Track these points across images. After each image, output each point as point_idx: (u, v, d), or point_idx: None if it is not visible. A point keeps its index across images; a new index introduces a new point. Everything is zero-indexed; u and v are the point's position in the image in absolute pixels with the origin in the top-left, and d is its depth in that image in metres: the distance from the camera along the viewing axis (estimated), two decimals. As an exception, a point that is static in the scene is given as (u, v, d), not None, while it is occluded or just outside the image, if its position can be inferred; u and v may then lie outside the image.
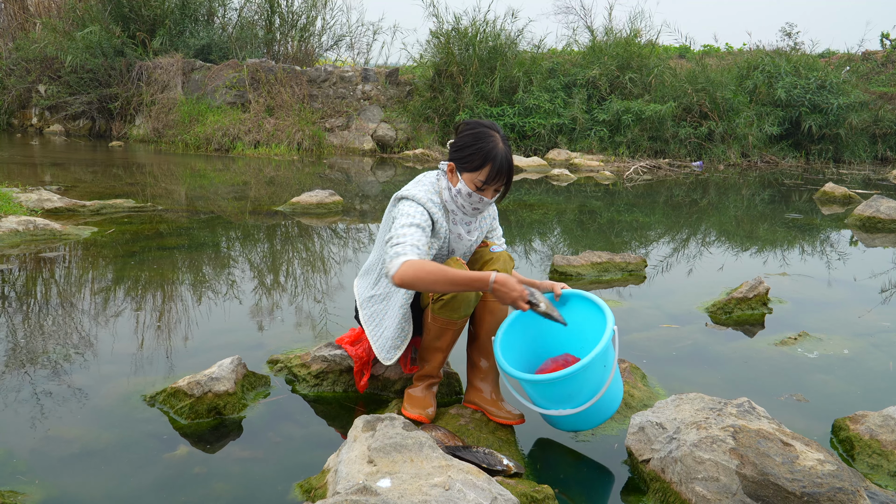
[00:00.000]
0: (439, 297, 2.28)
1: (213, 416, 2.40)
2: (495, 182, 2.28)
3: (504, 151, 2.26)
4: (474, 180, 2.28)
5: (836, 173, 11.78)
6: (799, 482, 1.74)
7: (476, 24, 13.15)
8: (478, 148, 2.25)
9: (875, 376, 2.98)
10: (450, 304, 2.28)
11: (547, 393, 2.19)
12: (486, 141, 2.25)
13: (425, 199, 2.30)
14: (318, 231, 5.84)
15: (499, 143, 2.26)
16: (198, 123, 12.63)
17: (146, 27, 14.04)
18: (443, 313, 2.30)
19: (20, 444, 2.20)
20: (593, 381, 2.16)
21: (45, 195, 6.07)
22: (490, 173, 2.25)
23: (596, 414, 2.23)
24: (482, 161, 2.25)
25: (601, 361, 2.15)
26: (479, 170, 2.26)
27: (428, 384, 2.47)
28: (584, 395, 2.16)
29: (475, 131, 2.28)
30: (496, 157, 2.24)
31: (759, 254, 5.52)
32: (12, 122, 15.08)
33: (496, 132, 2.29)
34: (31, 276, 4.14)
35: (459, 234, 2.43)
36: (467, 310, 2.31)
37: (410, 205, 2.28)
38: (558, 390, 2.16)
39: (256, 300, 3.83)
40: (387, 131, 13.05)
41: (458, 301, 2.27)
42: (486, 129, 2.28)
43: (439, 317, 2.31)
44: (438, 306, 2.30)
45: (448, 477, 1.73)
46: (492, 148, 2.24)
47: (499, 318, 2.45)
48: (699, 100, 12.59)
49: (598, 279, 4.44)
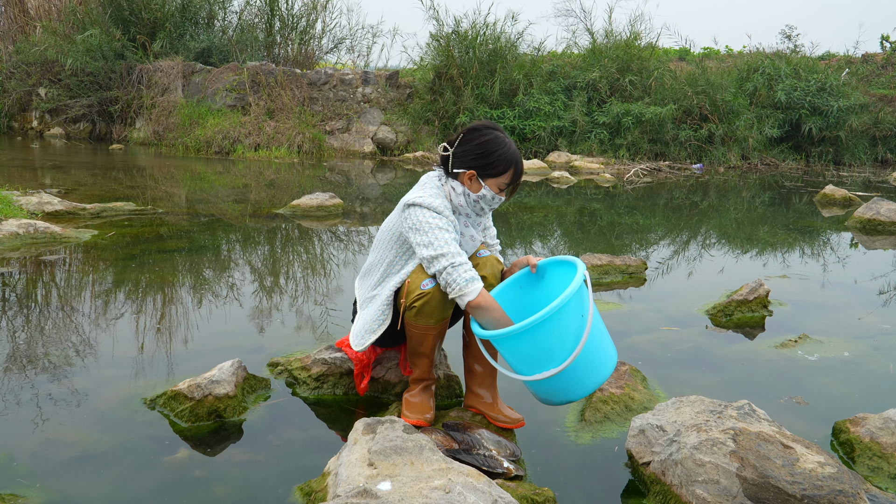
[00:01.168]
0: (411, 304, 2.27)
1: (214, 419, 2.40)
2: (518, 180, 2.42)
3: (517, 152, 2.40)
4: (499, 184, 2.38)
5: (837, 175, 11.78)
6: (799, 485, 1.74)
7: (476, 27, 13.16)
8: (500, 154, 2.34)
9: (876, 379, 2.98)
10: (423, 311, 2.27)
11: (522, 350, 2.07)
12: (507, 146, 2.36)
13: (441, 206, 2.30)
14: (318, 234, 5.85)
15: (513, 145, 2.39)
16: (198, 126, 12.64)
17: (146, 30, 14.06)
18: (418, 320, 2.29)
19: (21, 447, 2.20)
20: (570, 332, 2.03)
21: (45, 198, 6.08)
22: (514, 175, 2.38)
23: (585, 375, 2.08)
24: (506, 165, 2.35)
25: (575, 309, 2.03)
26: (503, 174, 2.36)
27: (423, 386, 2.47)
28: (564, 349, 2.03)
29: (491, 137, 2.35)
30: (517, 161, 2.38)
31: (759, 256, 5.52)
32: (13, 126, 15.09)
33: (502, 133, 2.39)
34: (32, 279, 4.14)
35: (472, 235, 2.48)
36: (442, 314, 2.29)
37: (432, 215, 2.26)
38: (533, 344, 2.03)
39: (257, 303, 3.83)
40: (387, 134, 13.06)
41: (431, 307, 2.26)
42: (499, 132, 2.38)
43: (416, 323, 2.31)
44: (413, 314, 2.29)
45: (448, 480, 1.74)
46: (513, 152, 2.37)
47: None
48: (699, 102, 12.60)
49: (599, 281, 4.44)
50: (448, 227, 2.26)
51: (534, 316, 1.99)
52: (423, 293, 2.25)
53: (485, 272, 2.37)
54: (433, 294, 2.25)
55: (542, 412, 2.57)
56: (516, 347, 2.09)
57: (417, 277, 2.28)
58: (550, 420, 2.52)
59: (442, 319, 2.32)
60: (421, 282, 2.26)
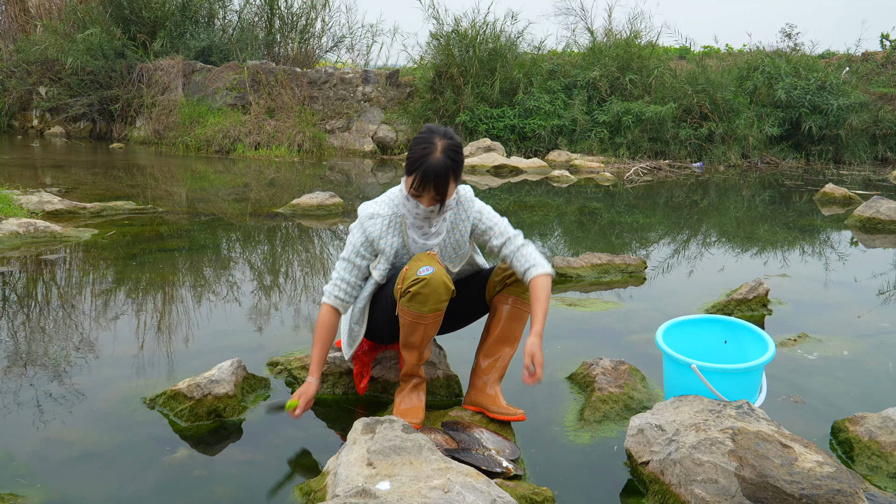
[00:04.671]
0: (406, 288, 2.23)
1: (213, 418, 2.41)
2: (423, 190, 2.25)
3: (437, 160, 2.20)
4: (408, 185, 2.28)
5: (837, 174, 11.77)
6: (798, 484, 1.74)
7: (476, 26, 13.15)
8: (411, 153, 2.25)
9: (875, 378, 2.98)
10: (417, 297, 2.22)
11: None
12: (421, 148, 2.23)
13: (368, 213, 2.38)
14: (318, 233, 5.85)
15: (434, 152, 2.21)
16: (198, 125, 12.63)
17: (147, 29, 14.05)
18: (411, 306, 2.24)
19: (21, 446, 2.21)
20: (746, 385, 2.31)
21: (45, 197, 6.08)
22: (415, 181, 2.23)
23: None
24: (410, 167, 2.24)
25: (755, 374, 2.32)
26: (409, 175, 2.26)
27: (413, 385, 2.46)
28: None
29: (419, 136, 2.27)
30: (422, 165, 2.21)
31: (759, 255, 5.52)
32: (13, 124, 15.08)
33: (439, 139, 2.24)
34: (32, 278, 4.15)
35: (414, 238, 2.41)
36: (436, 304, 2.24)
37: (351, 232, 2.42)
38: None
39: (256, 302, 3.83)
40: (387, 133, 13.06)
41: (426, 294, 2.21)
42: (432, 135, 2.25)
43: (407, 310, 2.26)
44: (406, 299, 2.24)
45: (447, 479, 1.74)
46: (423, 156, 2.21)
47: (506, 331, 2.48)
48: (699, 101, 12.59)
49: (598, 281, 4.45)
50: (350, 256, 2.40)
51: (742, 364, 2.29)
52: (419, 279, 2.20)
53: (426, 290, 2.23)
54: (429, 281, 2.20)
55: (541, 412, 2.58)
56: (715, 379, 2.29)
57: (415, 264, 2.25)
58: (549, 419, 2.53)
59: (435, 310, 2.26)
60: (419, 268, 2.23)
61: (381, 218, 2.37)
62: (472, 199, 2.47)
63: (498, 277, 2.52)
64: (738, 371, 2.25)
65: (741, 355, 2.50)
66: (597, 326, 3.58)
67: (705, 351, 2.56)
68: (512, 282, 2.51)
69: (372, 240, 2.36)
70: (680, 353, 2.39)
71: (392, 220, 2.38)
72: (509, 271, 2.50)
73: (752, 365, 2.25)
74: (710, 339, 2.60)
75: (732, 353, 2.54)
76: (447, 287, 2.25)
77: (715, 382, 2.24)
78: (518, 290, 2.50)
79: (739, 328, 2.54)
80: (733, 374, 2.25)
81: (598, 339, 3.40)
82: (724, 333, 2.58)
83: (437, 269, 2.23)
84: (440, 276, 2.22)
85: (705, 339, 2.59)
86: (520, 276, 2.43)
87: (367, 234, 2.36)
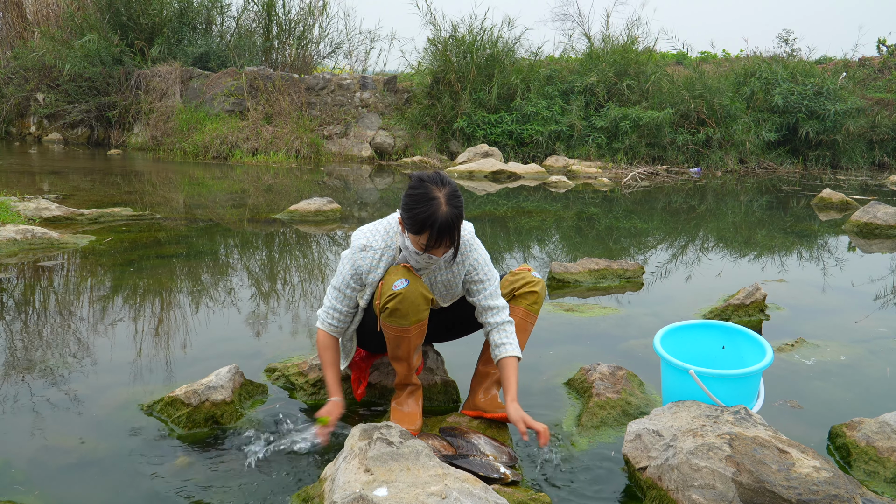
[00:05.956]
0: (384, 305, 2.23)
1: (211, 425, 2.40)
2: (438, 245, 2.18)
3: (446, 214, 2.12)
4: (419, 242, 2.20)
5: (834, 179, 11.81)
6: (795, 489, 1.75)
7: (473, 32, 13.19)
8: (417, 213, 2.13)
9: (872, 383, 2.98)
10: (396, 313, 2.23)
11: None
12: (426, 206, 2.12)
13: (361, 244, 2.34)
14: (316, 239, 5.85)
15: (439, 207, 2.12)
16: (196, 131, 12.65)
17: (144, 35, 14.08)
18: (392, 321, 2.25)
19: (19, 453, 2.20)
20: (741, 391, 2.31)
21: (43, 204, 6.08)
22: (430, 239, 2.16)
23: None
24: (420, 227, 2.14)
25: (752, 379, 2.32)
26: (419, 234, 2.17)
27: (409, 392, 2.48)
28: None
29: (417, 192, 2.15)
30: (434, 223, 2.12)
31: (756, 260, 5.53)
32: (10, 131, 15.09)
33: (441, 190, 2.14)
34: (29, 284, 4.14)
35: (433, 280, 2.42)
36: (417, 315, 2.25)
37: (342, 261, 2.42)
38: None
39: (254, 309, 3.83)
40: (385, 139, 13.08)
41: (405, 308, 2.22)
42: (430, 188, 2.14)
43: (390, 325, 2.27)
44: (386, 315, 2.25)
45: (445, 485, 1.74)
46: (430, 214, 2.11)
47: None
48: (697, 106, 12.63)
49: (596, 286, 4.45)
50: (340, 286, 2.40)
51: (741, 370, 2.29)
52: (395, 293, 2.21)
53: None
54: (405, 295, 2.20)
55: (538, 417, 2.57)
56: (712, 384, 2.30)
57: (390, 278, 2.25)
58: (547, 425, 2.52)
59: (417, 321, 2.27)
60: (393, 282, 2.23)
61: (373, 251, 2.33)
62: (470, 242, 2.41)
63: (505, 290, 2.53)
64: (735, 376, 2.25)
65: (739, 361, 2.50)
66: (594, 332, 3.58)
67: (703, 356, 2.57)
68: (521, 294, 2.52)
69: (361, 273, 2.35)
70: (678, 358, 2.38)
71: (384, 255, 2.33)
72: (517, 284, 2.53)
73: (749, 370, 2.25)
74: (707, 344, 2.60)
75: (730, 359, 2.54)
76: (425, 297, 2.26)
77: (713, 388, 2.24)
78: (525, 303, 2.52)
79: (737, 333, 2.54)
80: (731, 379, 2.26)
81: (596, 344, 3.41)
82: (722, 339, 2.58)
83: (411, 280, 2.24)
84: (415, 287, 2.23)
85: (703, 344, 2.60)
86: (493, 346, 2.42)
87: (357, 267, 2.34)
